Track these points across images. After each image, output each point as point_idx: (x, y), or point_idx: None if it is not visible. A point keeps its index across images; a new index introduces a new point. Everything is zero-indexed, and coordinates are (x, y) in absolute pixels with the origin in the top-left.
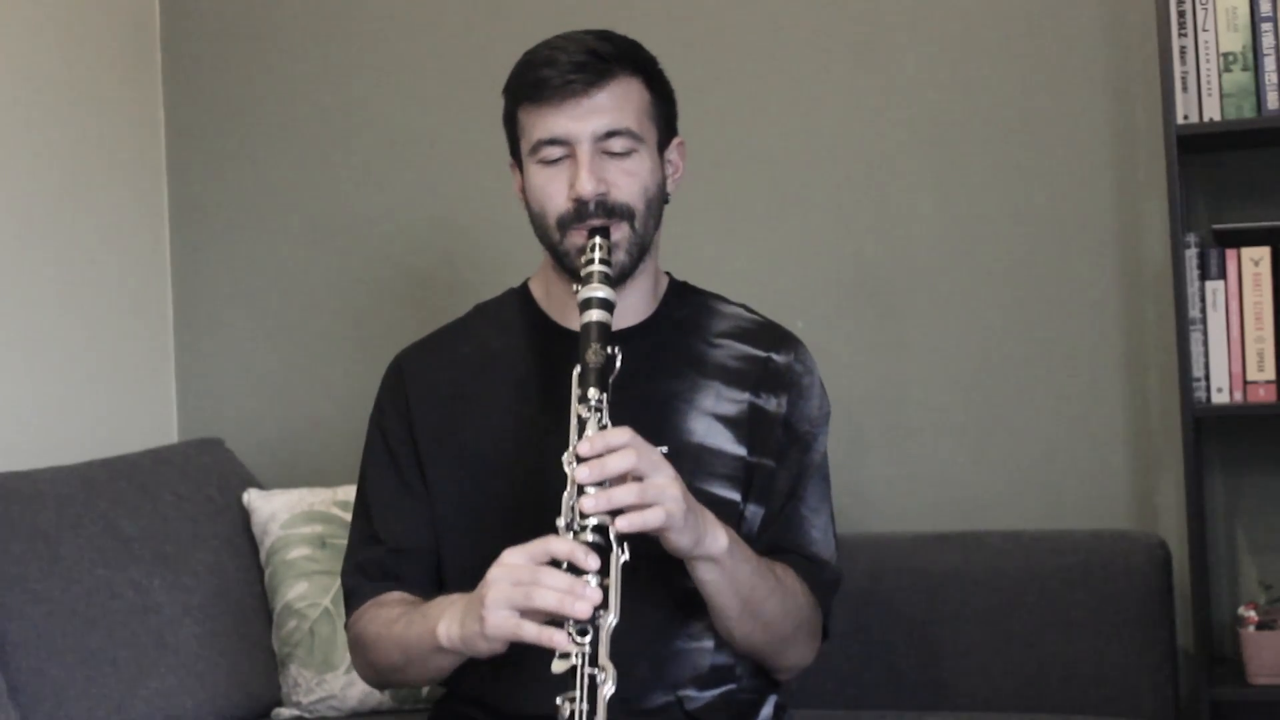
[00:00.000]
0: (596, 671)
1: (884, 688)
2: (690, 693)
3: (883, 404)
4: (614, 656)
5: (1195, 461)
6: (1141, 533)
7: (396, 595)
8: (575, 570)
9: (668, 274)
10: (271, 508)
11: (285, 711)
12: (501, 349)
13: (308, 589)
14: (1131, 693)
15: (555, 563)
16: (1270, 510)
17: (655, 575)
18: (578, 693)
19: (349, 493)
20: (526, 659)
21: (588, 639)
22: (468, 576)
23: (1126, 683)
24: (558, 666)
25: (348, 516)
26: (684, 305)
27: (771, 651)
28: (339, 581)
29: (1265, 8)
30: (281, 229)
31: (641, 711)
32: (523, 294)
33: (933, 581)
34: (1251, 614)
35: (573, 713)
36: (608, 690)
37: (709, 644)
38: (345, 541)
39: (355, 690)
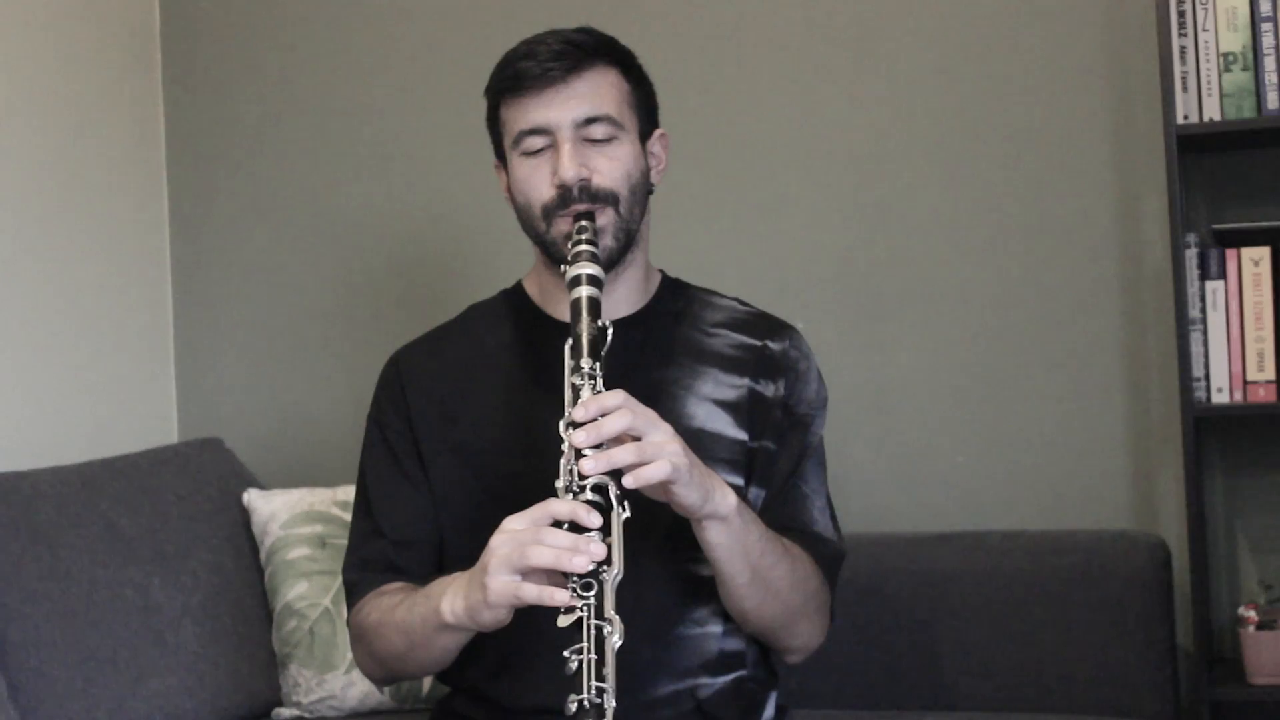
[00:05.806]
0: (603, 624)
1: (884, 687)
2: (703, 680)
3: (882, 404)
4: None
5: (1195, 461)
6: (1141, 533)
7: (398, 585)
8: (577, 530)
9: (660, 271)
10: (271, 508)
11: (285, 711)
12: (497, 344)
13: (308, 589)
14: (1131, 693)
15: (558, 525)
16: (1270, 510)
17: (657, 561)
18: (585, 644)
19: (349, 493)
20: (529, 653)
21: (593, 593)
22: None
23: (1126, 683)
24: (563, 621)
25: (348, 516)
26: (677, 299)
27: (783, 626)
28: (339, 580)
29: (1265, 8)
30: (281, 229)
31: (650, 701)
32: (517, 292)
33: (933, 581)
34: (1251, 614)
35: (580, 664)
36: (615, 642)
37: (716, 629)
38: (345, 542)
39: (355, 690)
